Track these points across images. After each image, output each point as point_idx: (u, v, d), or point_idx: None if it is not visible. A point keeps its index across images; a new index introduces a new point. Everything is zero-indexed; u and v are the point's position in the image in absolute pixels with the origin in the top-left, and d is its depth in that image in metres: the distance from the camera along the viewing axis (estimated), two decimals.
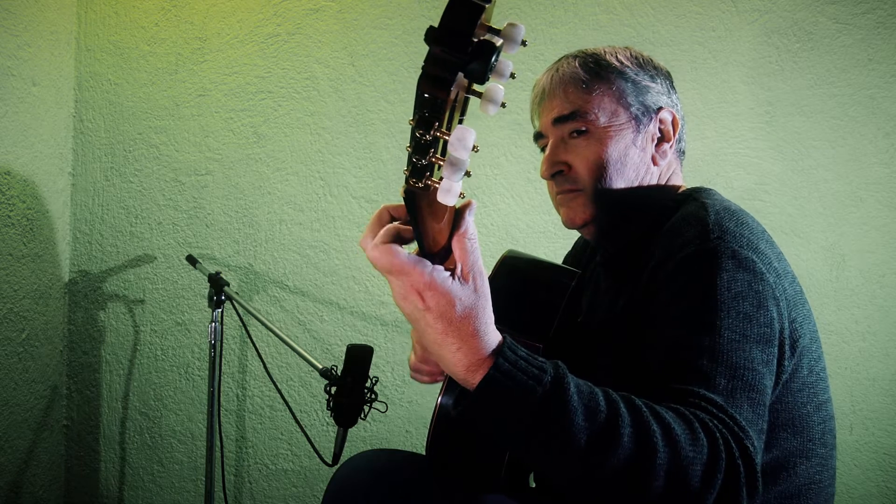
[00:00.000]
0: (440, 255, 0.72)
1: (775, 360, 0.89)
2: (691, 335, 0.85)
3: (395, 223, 0.72)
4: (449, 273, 0.70)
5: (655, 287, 0.94)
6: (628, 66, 1.11)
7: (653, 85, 1.11)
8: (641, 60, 1.13)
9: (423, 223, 0.65)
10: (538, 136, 1.17)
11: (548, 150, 1.12)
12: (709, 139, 2.01)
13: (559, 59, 1.16)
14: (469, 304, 0.70)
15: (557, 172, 1.11)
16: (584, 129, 1.08)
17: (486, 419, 0.73)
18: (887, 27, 1.97)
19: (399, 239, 0.70)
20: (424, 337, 0.72)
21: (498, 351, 0.73)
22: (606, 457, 0.71)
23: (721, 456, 0.73)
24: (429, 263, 0.69)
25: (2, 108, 1.83)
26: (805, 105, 2.00)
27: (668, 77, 1.16)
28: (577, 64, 1.11)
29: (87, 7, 2.14)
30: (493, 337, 0.73)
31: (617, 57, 1.11)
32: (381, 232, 0.70)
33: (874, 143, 1.98)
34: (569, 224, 1.14)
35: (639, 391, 0.78)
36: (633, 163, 1.09)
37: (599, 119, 1.08)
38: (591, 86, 1.09)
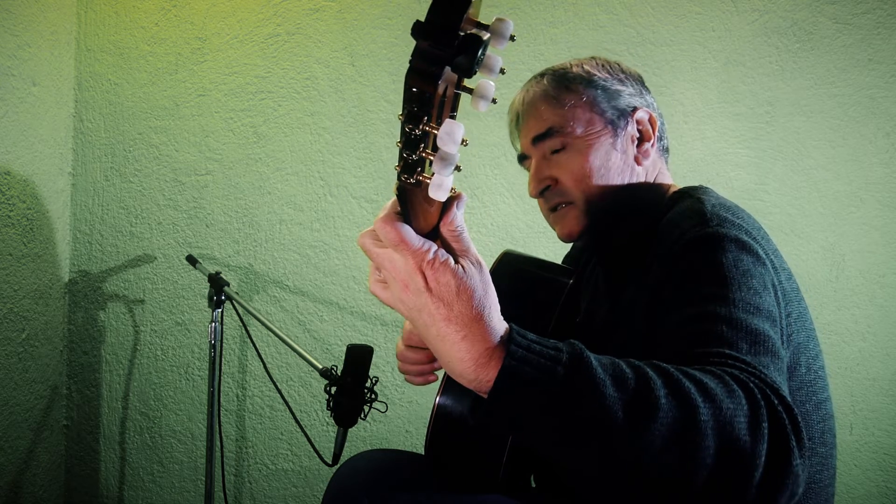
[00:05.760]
0: None
1: (780, 341, 0.86)
2: (706, 307, 0.83)
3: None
4: (449, 255, 0.67)
5: (659, 277, 0.93)
6: (595, 74, 1.13)
7: (623, 88, 1.13)
8: (608, 66, 1.15)
9: (416, 219, 0.65)
10: (522, 158, 1.21)
11: (532, 169, 1.15)
12: (709, 139, 2.01)
13: (528, 81, 1.18)
14: (471, 284, 0.66)
15: (545, 188, 1.13)
16: (563, 143, 1.11)
17: (514, 418, 0.66)
18: (887, 27, 1.97)
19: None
20: (426, 330, 0.68)
21: (507, 338, 0.68)
22: (650, 425, 0.64)
23: (760, 404, 0.68)
24: (431, 242, 0.67)
25: (2, 108, 1.83)
26: (805, 105, 1.99)
27: (638, 79, 1.17)
28: (545, 82, 1.14)
29: (87, 7, 2.15)
30: (499, 324, 0.68)
31: (583, 67, 1.14)
32: (389, 205, 0.67)
33: (874, 143, 1.98)
34: (566, 238, 1.15)
35: None
36: (617, 166, 1.11)
37: (576, 130, 1.10)
38: (562, 100, 1.11)
